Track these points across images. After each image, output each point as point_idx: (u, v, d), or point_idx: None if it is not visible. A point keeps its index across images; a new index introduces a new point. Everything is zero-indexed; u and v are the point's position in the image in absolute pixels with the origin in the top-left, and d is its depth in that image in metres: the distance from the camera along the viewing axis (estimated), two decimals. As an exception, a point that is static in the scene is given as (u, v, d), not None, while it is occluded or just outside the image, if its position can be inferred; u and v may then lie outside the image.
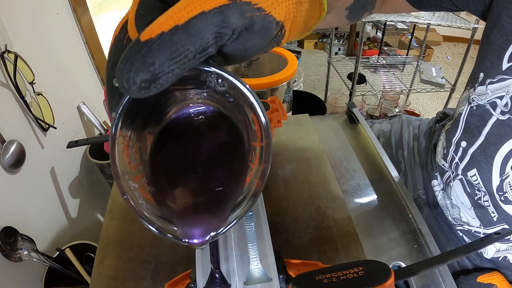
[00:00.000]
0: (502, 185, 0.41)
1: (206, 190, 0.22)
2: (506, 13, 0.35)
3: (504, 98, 0.38)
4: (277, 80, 0.93)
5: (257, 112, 0.19)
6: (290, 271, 0.30)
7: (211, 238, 0.19)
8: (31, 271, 0.65)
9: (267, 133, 0.19)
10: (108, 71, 0.19)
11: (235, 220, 0.20)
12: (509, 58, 0.36)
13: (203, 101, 0.23)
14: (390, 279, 0.25)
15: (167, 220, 0.20)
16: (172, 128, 0.23)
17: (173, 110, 0.23)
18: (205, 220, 0.20)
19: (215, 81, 0.19)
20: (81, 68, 0.93)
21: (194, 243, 0.19)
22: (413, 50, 2.54)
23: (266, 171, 0.20)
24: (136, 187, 0.20)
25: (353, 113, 0.66)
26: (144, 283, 0.38)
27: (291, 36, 0.28)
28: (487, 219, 0.45)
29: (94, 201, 0.95)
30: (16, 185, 0.63)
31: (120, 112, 0.18)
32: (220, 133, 0.24)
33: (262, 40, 0.21)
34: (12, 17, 0.64)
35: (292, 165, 0.53)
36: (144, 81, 0.15)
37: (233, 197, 0.21)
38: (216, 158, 0.23)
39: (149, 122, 0.22)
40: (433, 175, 0.56)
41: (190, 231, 0.19)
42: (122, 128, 0.19)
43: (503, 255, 0.46)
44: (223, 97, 0.21)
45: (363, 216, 0.48)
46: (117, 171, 0.19)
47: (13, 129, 0.63)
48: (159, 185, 0.22)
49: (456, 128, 0.47)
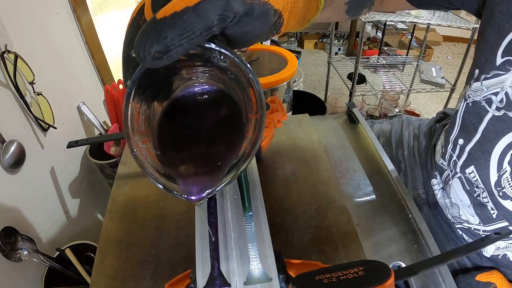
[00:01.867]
0: (500, 181, 0.41)
1: (205, 155, 0.25)
2: (499, 10, 0.36)
3: (499, 94, 0.38)
4: (277, 80, 0.93)
5: (254, 85, 0.21)
6: (290, 271, 0.30)
7: (207, 195, 0.22)
8: (31, 271, 0.65)
9: (261, 106, 0.21)
10: (125, 46, 0.22)
11: (228, 180, 0.23)
12: (503, 54, 0.36)
13: (207, 80, 0.26)
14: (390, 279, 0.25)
15: (170, 178, 0.23)
16: (179, 102, 0.26)
17: (180, 88, 0.26)
18: (203, 180, 0.23)
19: (218, 57, 0.22)
20: (81, 68, 0.93)
21: (192, 199, 0.22)
22: (413, 50, 2.54)
23: (258, 139, 0.22)
24: (144, 148, 0.23)
25: (353, 113, 0.66)
26: (144, 283, 0.38)
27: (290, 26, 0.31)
28: (486, 216, 0.45)
29: (94, 201, 0.95)
30: (16, 185, 0.63)
31: (134, 79, 0.21)
32: (221, 108, 0.26)
33: (261, 25, 0.24)
34: (12, 17, 0.64)
35: (292, 165, 0.53)
36: (157, 52, 0.18)
37: (229, 161, 0.24)
38: (216, 128, 0.26)
39: (158, 95, 0.25)
40: (433, 174, 0.56)
41: (190, 189, 0.22)
42: (135, 97, 0.22)
43: (503, 252, 0.46)
44: (225, 74, 0.24)
45: (363, 216, 0.48)
46: (128, 131, 0.21)
47: (13, 129, 0.63)
48: (164, 149, 0.24)
49: (453, 126, 0.48)
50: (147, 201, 0.48)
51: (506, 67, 0.37)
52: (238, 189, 0.37)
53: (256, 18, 0.23)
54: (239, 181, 0.39)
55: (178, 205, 0.47)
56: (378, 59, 2.06)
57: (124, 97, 0.21)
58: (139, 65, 0.20)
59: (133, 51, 0.18)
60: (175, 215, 0.46)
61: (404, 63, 2.16)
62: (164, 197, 0.49)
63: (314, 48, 3.12)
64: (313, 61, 2.87)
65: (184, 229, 0.44)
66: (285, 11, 0.27)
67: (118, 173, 0.54)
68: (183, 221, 0.45)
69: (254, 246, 0.32)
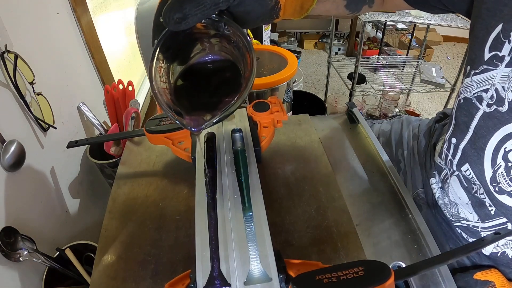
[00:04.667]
0: (495, 176, 0.41)
1: (208, 100, 0.32)
2: (485, 7, 0.38)
3: (489, 91, 0.39)
4: (277, 80, 0.93)
5: (248, 49, 0.29)
6: (290, 271, 0.30)
7: (204, 127, 0.28)
8: (31, 271, 0.65)
9: (252, 67, 0.29)
10: (156, 16, 0.30)
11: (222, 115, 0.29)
12: (490, 48, 0.38)
13: (216, 50, 0.34)
14: (390, 279, 0.25)
15: (178, 114, 0.29)
16: (193, 67, 0.34)
17: (195, 57, 0.34)
18: (202, 116, 0.29)
19: (223, 27, 0.30)
20: (81, 68, 0.93)
21: (193, 130, 0.28)
22: (413, 50, 2.54)
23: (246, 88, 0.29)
24: (161, 90, 0.30)
25: (353, 113, 0.66)
26: (144, 283, 0.38)
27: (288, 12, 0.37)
28: (485, 212, 0.46)
29: (94, 201, 0.95)
30: (16, 185, 0.63)
31: (160, 39, 0.30)
32: (225, 71, 0.34)
33: (260, 7, 0.32)
34: (12, 17, 0.64)
35: (292, 165, 0.53)
36: (178, 18, 0.27)
37: (226, 103, 0.29)
38: (219, 84, 0.34)
39: (177, 59, 0.33)
40: (431, 174, 0.56)
41: (192, 122, 0.29)
42: (159, 53, 0.30)
43: (502, 250, 0.46)
44: (230, 44, 0.32)
45: (363, 216, 0.48)
46: (152, 75, 0.29)
47: (13, 129, 0.63)
48: (177, 95, 0.32)
49: (449, 125, 0.49)
50: (147, 201, 0.48)
51: (494, 62, 0.38)
52: (238, 189, 0.37)
53: None
54: (239, 181, 0.39)
55: (178, 205, 0.47)
56: (378, 59, 2.06)
57: (152, 51, 0.30)
58: (165, 29, 0.30)
59: (161, 17, 0.27)
60: (175, 215, 0.46)
61: (404, 63, 2.16)
62: (164, 197, 0.49)
63: (314, 48, 3.12)
64: (313, 61, 2.87)
65: (184, 229, 0.44)
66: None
67: (118, 173, 0.54)
68: (183, 221, 0.45)
69: (254, 246, 0.32)
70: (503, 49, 0.36)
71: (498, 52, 0.37)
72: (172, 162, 0.55)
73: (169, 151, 0.56)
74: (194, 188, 0.38)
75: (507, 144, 0.39)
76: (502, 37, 0.36)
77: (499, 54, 0.37)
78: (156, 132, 0.48)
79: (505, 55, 0.36)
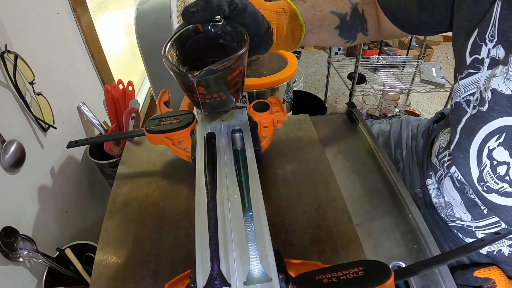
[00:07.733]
0: (482, 176, 0.42)
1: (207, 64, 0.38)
2: (462, 13, 0.41)
3: (475, 94, 0.41)
4: (277, 80, 0.93)
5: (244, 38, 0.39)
6: (290, 271, 0.30)
7: (199, 76, 0.36)
8: (31, 271, 0.65)
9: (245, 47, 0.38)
10: None
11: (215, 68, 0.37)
12: (470, 53, 0.41)
13: None
14: (390, 279, 0.25)
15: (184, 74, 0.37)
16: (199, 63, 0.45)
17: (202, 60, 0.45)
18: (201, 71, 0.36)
19: (225, 26, 0.41)
20: (81, 68, 0.93)
21: (192, 79, 0.37)
22: (413, 50, 2.53)
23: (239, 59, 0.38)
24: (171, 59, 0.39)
25: (353, 113, 0.66)
26: (144, 283, 0.38)
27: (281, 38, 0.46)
28: (478, 212, 0.46)
29: (94, 201, 0.95)
30: (16, 185, 0.63)
31: (177, 29, 0.41)
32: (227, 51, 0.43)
33: (256, 25, 0.41)
34: (12, 17, 0.64)
35: (292, 165, 0.53)
36: (192, 11, 0.37)
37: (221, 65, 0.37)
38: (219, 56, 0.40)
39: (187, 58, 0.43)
40: (428, 174, 0.56)
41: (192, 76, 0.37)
42: (175, 40, 0.41)
43: (497, 248, 0.47)
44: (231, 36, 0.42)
45: (363, 216, 0.48)
46: (166, 49, 0.39)
47: (13, 129, 0.63)
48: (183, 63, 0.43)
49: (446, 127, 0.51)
50: (147, 201, 0.48)
51: (475, 65, 0.40)
52: (238, 189, 0.37)
53: (249, 16, 0.40)
54: (239, 181, 0.39)
55: (178, 205, 0.47)
56: (378, 59, 2.06)
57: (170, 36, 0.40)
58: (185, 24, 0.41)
59: None
60: (175, 215, 0.46)
61: (404, 63, 2.16)
62: (164, 197, 0.49)
63: (314, 48, 3.12)
64: (313, 61, 2.87)
65: (184, 229, 0.44)
66: (272, 22, 0.43)
67: (118, 173, 0.54)
68: (183, 221, 0.45)
69: (254, 246, 0.32)
70: (481, 52, 0.39)
71: (477, 55, 0.39)
72: (172, 162, 0.55)
73: (169, 151, 0.56)
74: (194, 188, 0.38)
75: (490, 143, 0.39)
76: (479, 41, 0.39)
77: (479, 57, 0.39)
78: (156, 132, 0.48)
79: (484, 57, 0.39)
